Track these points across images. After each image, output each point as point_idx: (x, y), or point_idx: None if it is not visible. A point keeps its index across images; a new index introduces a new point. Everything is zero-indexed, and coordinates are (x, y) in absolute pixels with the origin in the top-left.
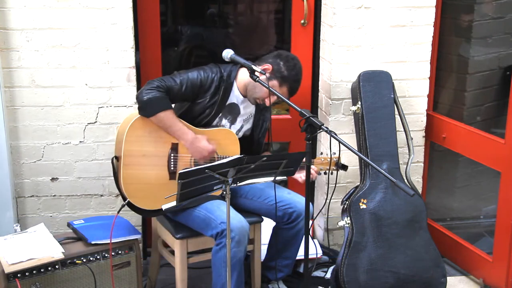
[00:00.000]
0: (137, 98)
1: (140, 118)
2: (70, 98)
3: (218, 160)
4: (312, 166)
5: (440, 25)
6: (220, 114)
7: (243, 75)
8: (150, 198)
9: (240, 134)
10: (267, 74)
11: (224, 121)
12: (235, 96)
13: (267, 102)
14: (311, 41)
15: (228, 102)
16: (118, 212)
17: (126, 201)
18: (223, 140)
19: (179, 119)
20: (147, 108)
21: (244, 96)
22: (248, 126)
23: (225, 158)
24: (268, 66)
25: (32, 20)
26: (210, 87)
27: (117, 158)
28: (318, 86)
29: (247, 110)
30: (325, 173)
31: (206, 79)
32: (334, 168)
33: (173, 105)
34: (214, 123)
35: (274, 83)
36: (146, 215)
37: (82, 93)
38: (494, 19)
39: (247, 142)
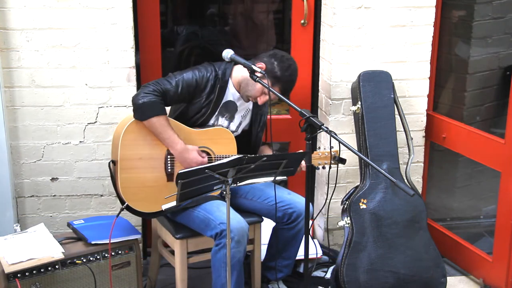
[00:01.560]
0: (132, 101)
1: (135, 122)
2: (70, 98)
3: (215, 161)
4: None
5: (440, 25)
6: (217, 113)
7: (237, 72)
8: (148, 200)
9: (240, 130)
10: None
11: (222, 120)
12: (231, 93)
13: (260, 101)
14: (311, 41)
15: (224, 100)
16: (117, 215)
17: (125, 205)
18: (220, 139)
19: (171, 127)
20: (141, 112)
21: (240, 92)
22: (246, 121)
23: (222, 158)
24: (262, 65)
25: (32, 20)
26: (206, 87)
27: (113, 162)
28: (318, 86)
29: (244, 106)
30: (323, 168)
31: (202, 78)
32: (333, 161)
33: (169, 108)
34: (211, 122)
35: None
36: (146, 217)
37: (82, 93)
38: (494, 19)
39: (246, 137)
